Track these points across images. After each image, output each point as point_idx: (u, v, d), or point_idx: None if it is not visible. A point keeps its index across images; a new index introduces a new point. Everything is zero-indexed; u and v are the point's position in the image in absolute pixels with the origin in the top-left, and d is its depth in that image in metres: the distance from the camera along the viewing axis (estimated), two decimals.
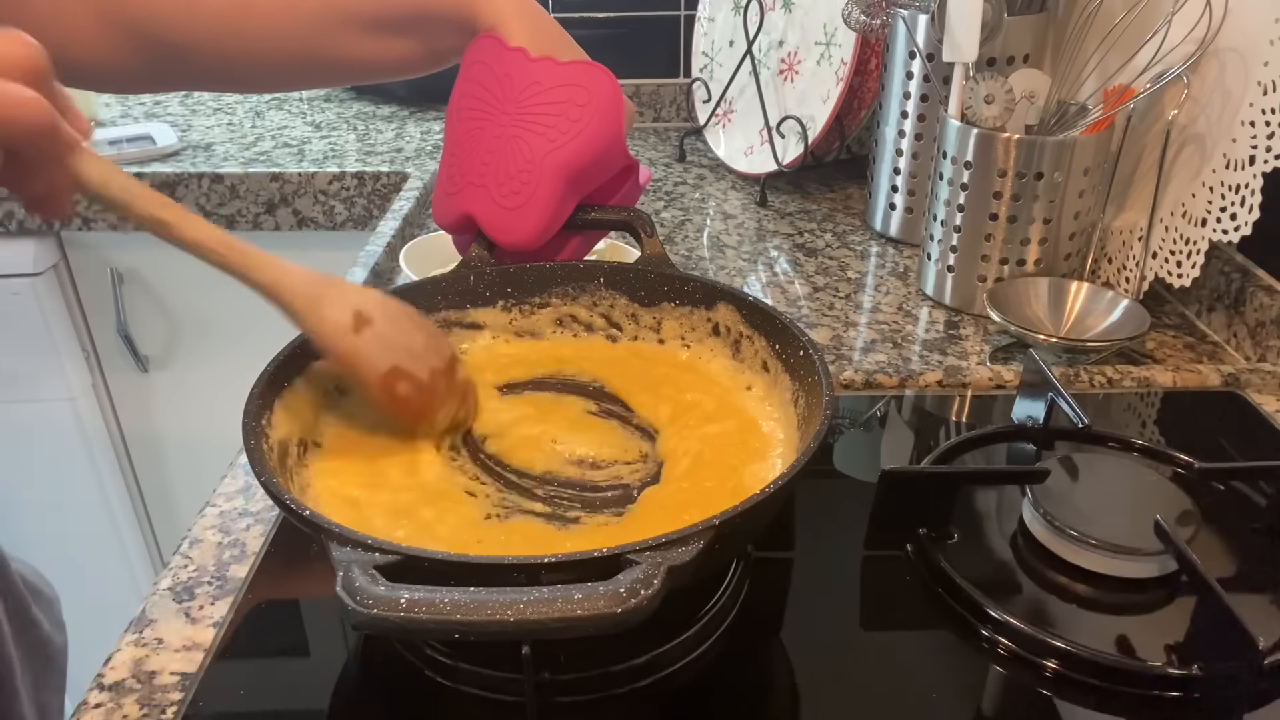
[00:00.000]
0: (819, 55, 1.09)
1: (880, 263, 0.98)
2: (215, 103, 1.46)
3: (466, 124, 0.64)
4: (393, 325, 0.52)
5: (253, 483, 0.63)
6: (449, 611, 0.35)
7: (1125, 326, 0.78)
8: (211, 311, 1.25)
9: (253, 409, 0.48)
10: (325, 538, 0.39)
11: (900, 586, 0.55)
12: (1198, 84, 0.79)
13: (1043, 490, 0.57)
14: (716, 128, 1.25)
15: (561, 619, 0.35)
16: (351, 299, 0.51)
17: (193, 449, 1.37)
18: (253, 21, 0.66)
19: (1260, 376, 0.75)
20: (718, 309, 0.60)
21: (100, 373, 1.32)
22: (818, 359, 0.52)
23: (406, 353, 0.52)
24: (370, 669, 0.50)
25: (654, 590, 0.36)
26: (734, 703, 0.49)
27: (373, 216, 1.20)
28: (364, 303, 0.52)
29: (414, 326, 0.54)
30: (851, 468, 0.67)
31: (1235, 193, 0.75)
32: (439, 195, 0.66)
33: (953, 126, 0.82)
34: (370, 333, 0.51)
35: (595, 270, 0.63)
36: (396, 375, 0.52)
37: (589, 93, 0.61)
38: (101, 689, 0.49)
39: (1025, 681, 0.49)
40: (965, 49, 0.81)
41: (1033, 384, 0.67)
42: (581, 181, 0.62)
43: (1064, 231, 0.83)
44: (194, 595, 0.55)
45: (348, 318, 0.51)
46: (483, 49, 0.64)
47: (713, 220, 1.09)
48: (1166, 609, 0.53)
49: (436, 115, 1.41)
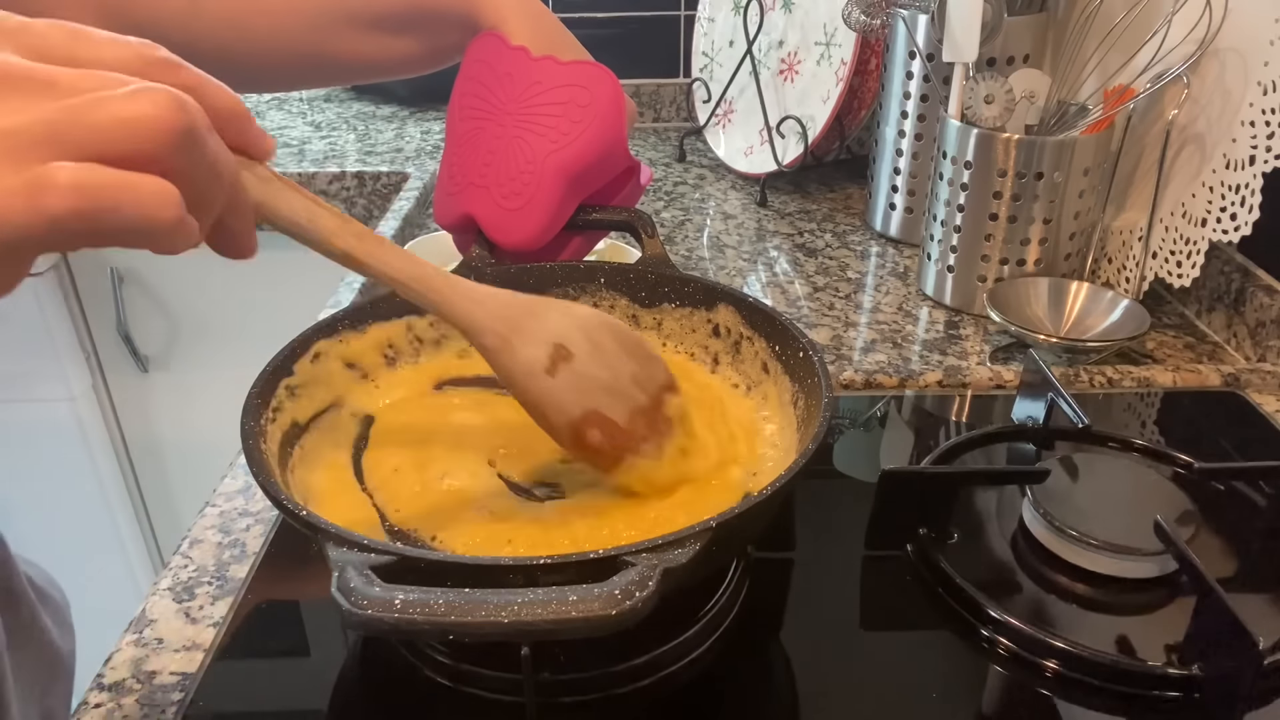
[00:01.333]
0: (819, 55, 1.09)
1: (880, 263, 0.98)
2: None
3: (468, 123, 0.64)
4: (596, 359, 0.47)
5: (253, 483, 0.63)
6: (444, 613, 0.35)
7: (1125, 326, 0.78)
8: (211, 311, 1.25)
9: (252, 409, 0.48)
10: (321, 538, 0.39)
11: (900, 586, 0.55)
12: (1198, 84, 0.79)
13: (1043, 490, 0.57)
14: (716, 128, 1.25)
15: (556, 620, 0.35)
16: (553, 328, 0.46)
17: (193, 449, 1.37)
18: (255, 20, 0.66)
19: (1260, 376, 0.75)
20: (718, 310, 0.60)
21: (100, 373, 1.32)
22: (817, 360, 0.52)
23: (606, 391, 0.47)
24: (370, 669, 0.50)
25: (649, 592, 0.36)
26: (734, 703, 0.49)
27: (373, 216, 1.20)
28: (567, 332, 0.47)
29: (624, 354, 0.49)
30: (851, 468, 0.67)
31: (1235, 193, 0.75)
32: (439, 194, 0.66)
33: (953, 126, 0.82)
34: (567, 372, 0.46)
35: (596, 271, 0.63)
36: (589, 422, 0.47)
37: (591, 93, 0.61)
38: (101, 689, 0.49)
39: (1025, 681, 0.49)
40: (965, 49, 0.81)
41: (1033, 384, 0.67)
42: (583, 182, 0.62)
43: (1064, 231, 0.83)
44: (194, 595, 0.55)
45: (544, 355, 0.46)
46: (484, 47, 0.64)
47: (713, 220, 1.09)
48: (1166, 609, 0.53)
49: (436, 115, 1.41)
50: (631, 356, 0.49)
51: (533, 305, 0.47)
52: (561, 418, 0.47)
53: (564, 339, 0.46)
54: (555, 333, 0.46)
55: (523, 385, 0.46)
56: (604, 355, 0.48)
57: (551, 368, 0.46)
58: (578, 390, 0.47)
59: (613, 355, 0.48)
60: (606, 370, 0.47)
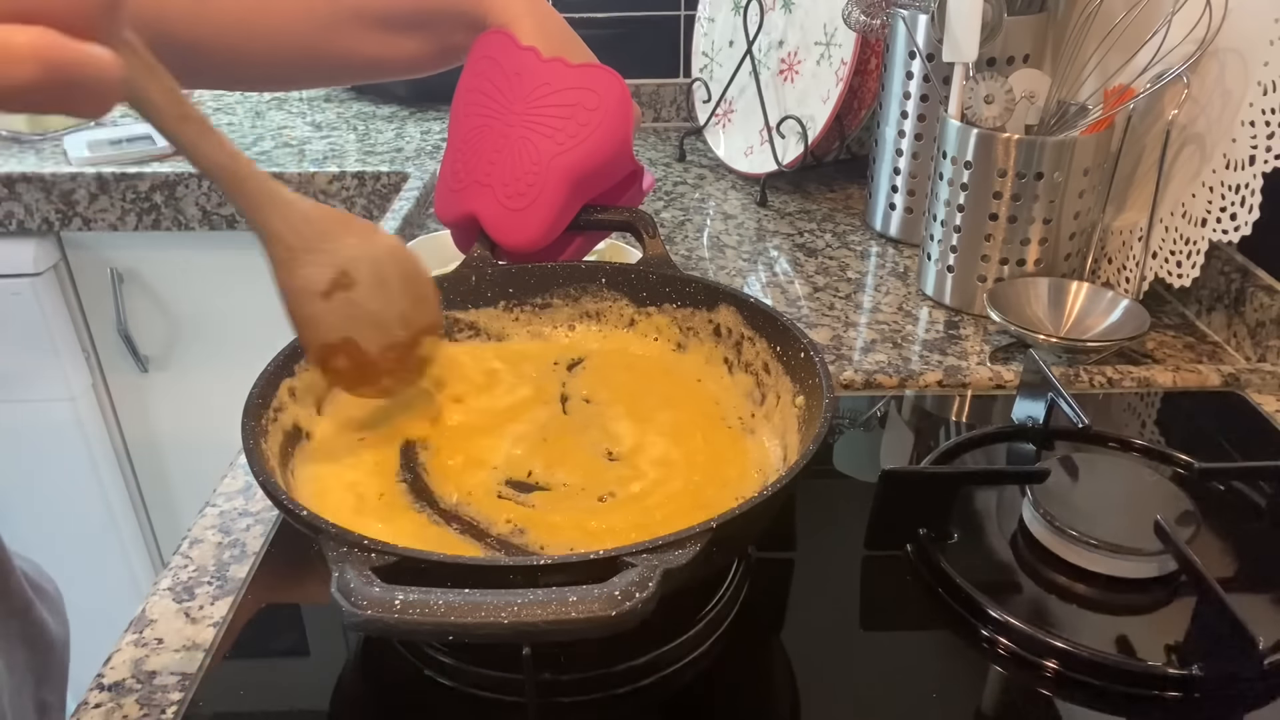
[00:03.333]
0: (819, 55, 1.09)
1: (880, 263, 0.98)
2: (215, 103, 1.46)
3: (473, 119, 0.63)
4: (375, 289, 0.49)
5: (253, 483, 0.63)
6: (443, 613, 0.35)
7: (1125, 326, 0.78)
8: (211, 311, 1.25)
9: (253, 409, 0.48)
10: (321, 538, 0.39)
11: (900, 586, 0.55)
12: (1198, 84, 0.79)
13: (1043, 490, 0.57)
14: (716, 128, 1.25)
15: (556, 621, 0.35)
16: (344, 254, 0.48)
17: (193, 449, 1.37)
18: (262, 19, 0.66)
19: (1260, 376, 0.75)
20: (719, 310, 0.60)
21: (100, 373, 1.32)
22: (818, 361, 0.52)
23: (370, 324, 0.49)
24: (370, 669, 0.50)
25: (649, 593, 0.36)
26: (734, 703, 0.49)
27: (373, 216, 1.20)
28: (356, 260, 0.48)
29: (403, 291, 0.50)
30: (851, 468, 0.67)
31: (1235, 193, 0.75)
32: (442, 190, 0.65)
33: (953, 126, 0.82)
34: (341, 299, 0.48)
35: (597, 271, 0.63)
36: (340, 349, 0.49)
37: (599, 96, 0.61)
38: (101, 689, 0.49)
39: (1025, 681, 0.49)
40: (965, 49, 0.81)
41: (1033, 384, 0.67)
42: (587, 185, 0.62)
43: (1064, 231, 0.83)
44: (194, 595, 0.55)
45: (325, 278, 0.47)
46: (492, 44, 0.64)
47: (713, 220, 1.09)
48: (1166, 609, 0.53)
49: (437, 115, 1.41)
50: (408, 294, 0.50)
51: (333, 226, 0.48)
52: (316, 339, 0.48)
53: (350, 266, 0.48)
54: (344, 258, 0.47)
55: (293, 300, 0.47)
56: (383, 289, 0.49)
57: (328, 291, 0.47)
58: (343, 317, 0.48)
59: (391, 290, 0.49)
60: (379, 302, 0.49)
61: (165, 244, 1.22)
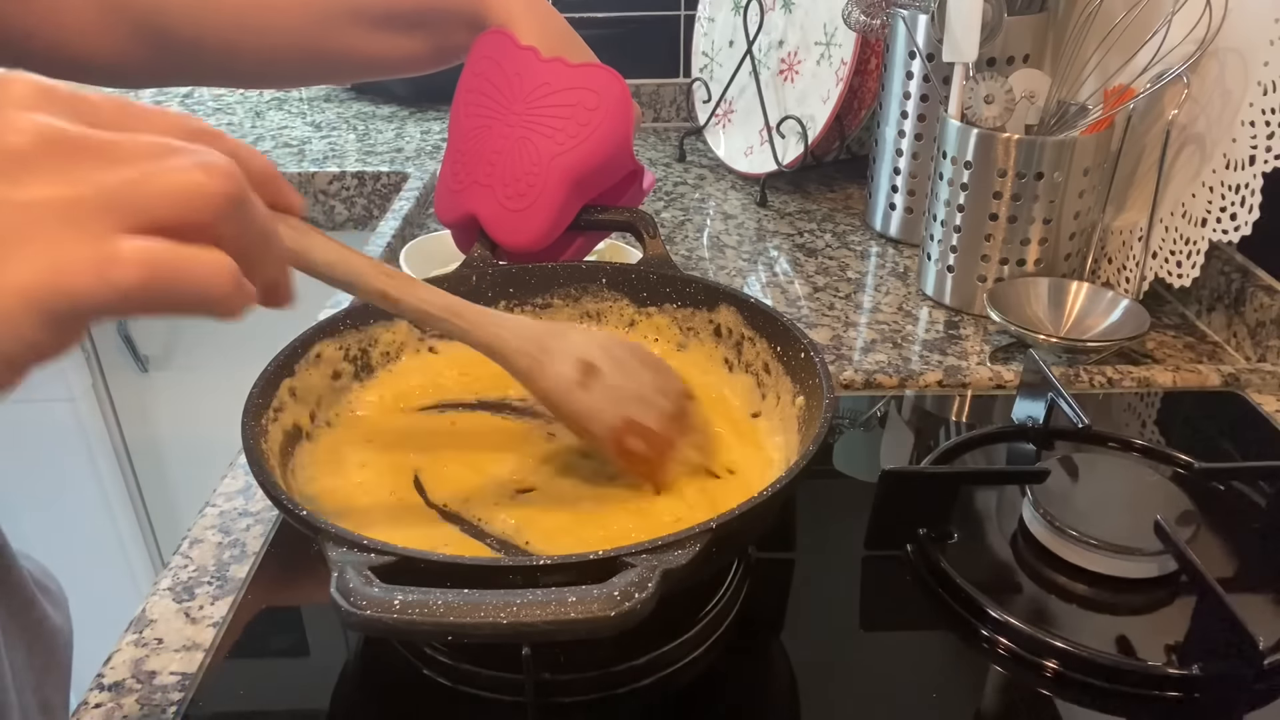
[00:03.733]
0: (819, 55, 1.09)
1: (880, 263, 0.98)
2: (215, 103, 1.46)
3: (473, 119, 0.63)
4: (621, 372, 0.49)
5: (253, 483, 0.63)
6: (443, 613, 0.35)
7: (1125, 326, 0.78)
8: None
9: (252, 409, 0.48)
10: (321, 538, 0.39)
11: (900, 586, 0.55)
12: (1198, 84, 0.79)
13: (1043, 490, 0.57)
14: (716, 128, 1.25)
15: (555, 621, 0.35)
16: (577, 347, 0.48)
17: (193, 449, 1.36)
18: (261, 15, 0.66)
19: (1260, 376, 0.75)
20: (719, 310, 0.60)
21: (100, 373, 1.32)
22: (819, 361, 0.52)
23: (637, 400, 0.49)
24: (370, 669, 0.50)
25: (648, 594, 0.36)
26: (734, 703, 0.49)
27: (373, 216, 1.20)
28: (589, 349, 0.49)
29: (642, 367, 0.51)
30: (851, 468, 0.67)
31: (1235, 193, 0.75)
32: (442, 191, 0.65)
33: (953, 126, 0.82)
34: (598, 385, 0.48)
35: (597, 271, 0.63)
36: (628, 430, 0.49)
37: (599, 97, 0.61)
38: (101, 689, 0.49)
39: (1025, 681, 0.49)
40: (965, 49, 0.81)
41: (1033, 384, 0.67)
42: (587, 186, 0.62)
43: (1064, 231, 0.83)
44: (194, 595, 0.55)
45: (574, 371, 0.48)
46: (492, 44, 0.64)
47: (713, 220, 1.09)
48: (1166, 609, 0.53)
49: (437, 115, 1.41)
50: (649, 368, 0.51)
51: (553, 328, 0.49)
52: (603, 428, 0.49)
53: (588, 355, 0.48)
54: (579, 350, 0.48)
55: (562, 400, 0.48)
56: (626, 368, 0.50)
57: (583, 382, 0.48)
58: (611, 400, 0.49)
59: (634, 368, 0.50)
60: (632, 381, 0.50)
61: None
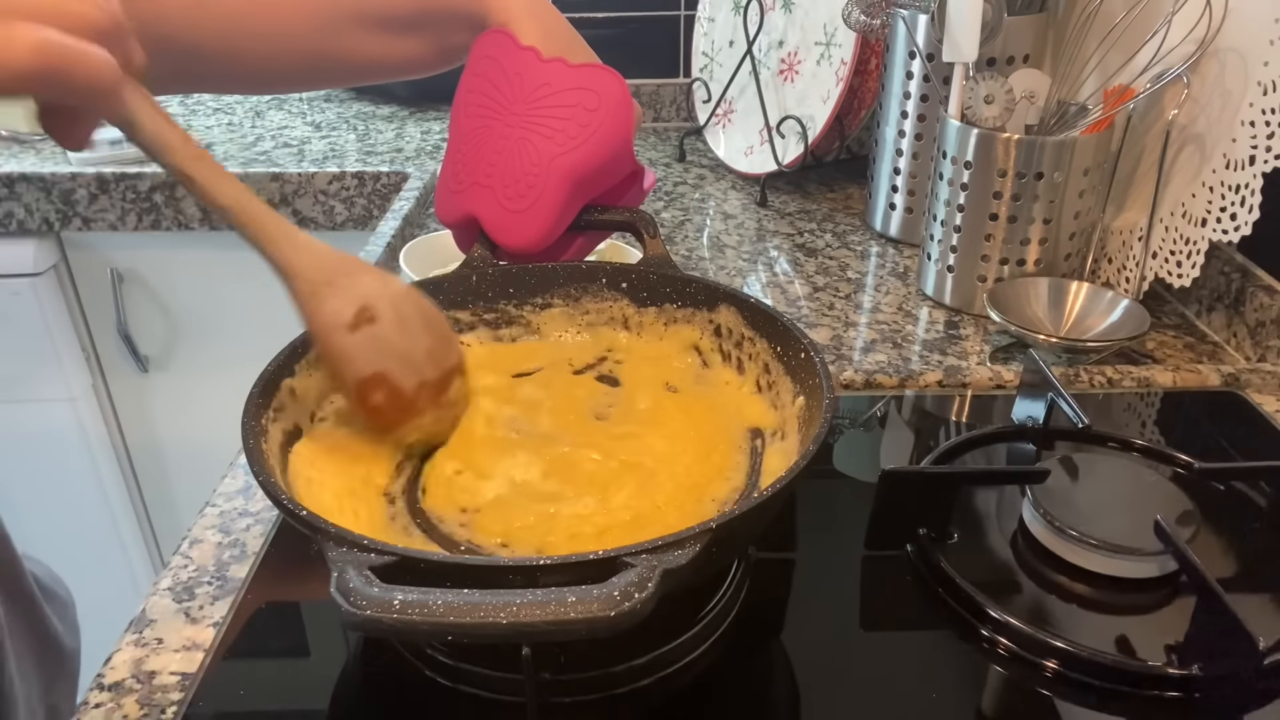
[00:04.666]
0: (819, 55, 1.09)
1: (880, 263, 0.98)
2: (215, 103, 1.46)
3: (473, 120, 0.63)
4: (398, 326, 0.50)
5: (253, 483, 0.63)
6: (442, 613, 0.35)
7: (1125, 326, 0.78)
8: (211, 311, 1.25)
9: (253, 409, 0.48)
10: (321, 538, 0.39)
11: (900, 586, 0.55)
12: (1198, 84, 0.79)
13: (1043, 490, 0.57)
14: (716, 128, 1.25)
15: (555, 621, 0.35)
16: (364, 290, 0.49)
17: (193, 449, 1.37)
18: (262, 20, 0.66)
19: (1260, 376, 0.75)
20: (719, 310, 0.60)
21: (100, 373, 1.32)
22: (819, 361, 0.52)
23: (400, 359, 0.50)
24: (370, 669, 0.50)
25: (648, 594, 0.36)
26: (734, 703, 0.49)
27: (373, 216, 1.20)
28: (376, 297, 0.49)
29: (423, 329, 0.51)
30: (851, 468, 0.67)
31: (1235, 193, 0.75)
32: (442, 191, 0.65)
33: (953, 126, 0.82)
34: (368, 332, 0.49)
35: (598, 271, 0.63)
36: (376, 383, 0.49)
37: (600, 97, 0.61)
38: (101, 689, 0.49)
39: (1025, 681, 0.49)
40: (965, 49, 0.81)
41: (1033, 384, 0.67)
42: (588, 186, 0.62)
43: (1064, 231, 0.83)
44: (194, 595, 0.55)
45: (349, 311, 0.48)
46: (493, 44, 0.64)
47: (713, 220, 1.09)
48: (1166, 609, 0.53)
49: (437, 115, 1.41)
50: (430, 333, 0.52)
51: (350, 265, 0.49)
52: (352, 373, 0.49)
53: (371, 302, 0.49)
54: (365, 294, 0.49)
55: (323, 336, 0.49)
56: (406, 326, 0.50)
57: (354, 325, 0.48)
58: (373, 351, 0.49)
59: (413, 328, 0.51)
60: (404, 340, 0.50)
61: (165, 244, 1.22)
